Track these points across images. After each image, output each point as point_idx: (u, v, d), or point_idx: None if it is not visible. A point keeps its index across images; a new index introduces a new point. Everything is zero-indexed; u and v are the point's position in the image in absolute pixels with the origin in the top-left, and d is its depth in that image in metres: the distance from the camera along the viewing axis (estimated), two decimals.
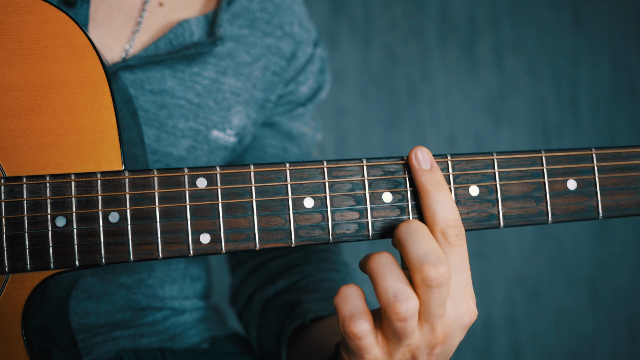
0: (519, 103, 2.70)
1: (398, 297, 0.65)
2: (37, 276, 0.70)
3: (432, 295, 0.66)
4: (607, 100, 2.77)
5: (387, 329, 0.67)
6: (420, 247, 0.67)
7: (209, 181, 0.71)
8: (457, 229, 0.69)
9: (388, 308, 0.65)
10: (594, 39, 2.76)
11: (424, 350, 0.69)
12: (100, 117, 0.72)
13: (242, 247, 0.71)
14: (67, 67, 0.73)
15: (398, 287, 0.65)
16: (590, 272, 2.75)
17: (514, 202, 0.73)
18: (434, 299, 0.66)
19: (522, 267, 2.69)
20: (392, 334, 0.67)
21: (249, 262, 1.11)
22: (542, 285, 2.71)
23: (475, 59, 2.67)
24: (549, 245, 2.72)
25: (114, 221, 0.70)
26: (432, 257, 0.66)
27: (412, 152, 0.71)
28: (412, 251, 0.67)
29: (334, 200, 0.72)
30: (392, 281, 0.66)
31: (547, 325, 2.71)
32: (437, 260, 0.65)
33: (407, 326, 0.66)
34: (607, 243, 2.75)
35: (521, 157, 0.74)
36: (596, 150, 0.75)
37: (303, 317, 0.96)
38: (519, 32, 2.70)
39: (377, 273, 0.66)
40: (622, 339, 2.77)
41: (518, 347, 2.68)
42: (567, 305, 2.72)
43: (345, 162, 0.72)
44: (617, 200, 0.75)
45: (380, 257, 0.67)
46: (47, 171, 0.71)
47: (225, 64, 1.04)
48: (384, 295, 0.65)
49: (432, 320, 0.67)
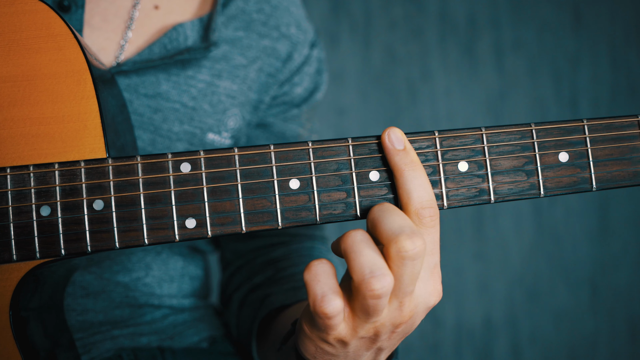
0: (519, 103, 2.70)
1: (374, 272, 0.63)
2: (23, 267, 0.70)
3: (406, 269, 0.64)
4: (607, 100, 2.76)
5: (357, 305, 0.65)
6: (395, 221, 0.65)
7: (193, 166, 0.70)
8: (431, 209, 0.68)
9: (363, 284, 0.63)
10: (594, 39, 2.75)
11: (388, 327, 0.68)
12: (83, 106, 0.72)
13: (229, 231, 0.70)
14: (49, 57, 0.73)
15: (375, 262, 0.64)
16: (590, 272, 2.74)
17: (504, 176, 0.72)
18: (407, 272, 0.64)
19: (522, 267, 2.68)
20: (361, 310, 0.65)
21: (235, 262, 1.11)
22: (542, 285, 2.70)
23: (475, 59, 2.66)
24: (549, 245, 2.71)
25: (99, 209, 0.70)
26: (407, 230, 0.64)
27: (385, 132, 0.70)
28: (386, 225, 0.65)
29: (320, 181, 0.71)
30: (368, 257, 0.64)
31: (547, 325, 2.70)
32: (412, 233, 0.64)
33: (380, 303, 0.64)
34: (607, 243, 2.75)
35: (511, 131, 0.72)
36: (588, 122, 0.73)
37: (269, 308, 0.95)
38: (519, 32, 2.69)
39: (353, 248, 0.65)
40: (622, 339, 2.76)
41: (518, 347, 2.68)
42: (567, 305, 2.71)
43: (331, 141, 0.71)
44: (610, 171, 0.73)
45: (356, 233, 0.66)
46: (31, 161, 0.71)
47: (220, 67, 1.03)
48: (359, 271, 0.64)
49: (401, 296, 0.66)
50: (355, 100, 2.58)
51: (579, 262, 2.72)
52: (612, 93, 2.76)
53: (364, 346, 0.70)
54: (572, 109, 2.73)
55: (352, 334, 0.67)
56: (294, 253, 1.06)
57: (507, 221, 2.65)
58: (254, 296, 1.02)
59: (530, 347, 2.68)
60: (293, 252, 1.06)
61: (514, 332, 2.67)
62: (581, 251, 2.73)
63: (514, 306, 2.67)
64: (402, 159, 0.70)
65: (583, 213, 2.72)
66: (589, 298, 2.73)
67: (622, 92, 2.77)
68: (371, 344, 0.70)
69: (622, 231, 2.74)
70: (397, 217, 0.66)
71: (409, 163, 0.69)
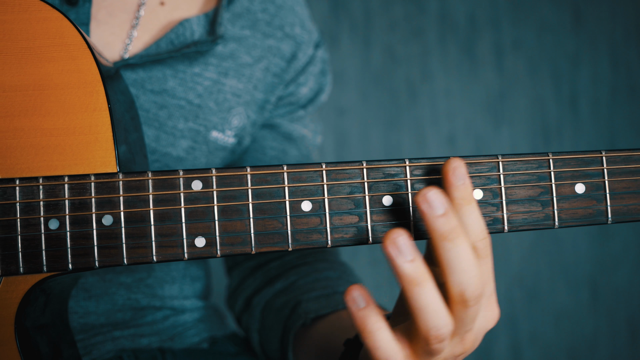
0: (519, 103, 2.69)
1: (439, 327, 0.63)
2: (30, 279, 0.69)
3: (468, 313, 0.64)
4: (607, 100, 2.76)
5: (420, 349, 0.65)
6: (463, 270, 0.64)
7: (204, 184, 0.69)
8: (485, 240, 0.67)
9: (429, 336, 0.63)
10: (594, 39, 2.75)
11: (450, 358, 0.68)
12: (95, 118, 0.71)
13: (238, 251, 0.69)
14: (62, 66, 0.72)
15: (440, 315, 0.63)
16: (590, 272, 2.74)
17: (519, 206, 0.71)
18: (469, 316, 0.64)
19: (522, 267, 2.68)
20: (424, 352, 0.65)
21: (246, 264, 1.11)
22: (542, 285, 2.70)
23: (475, 59, 2.66)
24: (549, 245, 2.71)
25: (108, 224, 0.69)
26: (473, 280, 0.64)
27: (450, 166, 0.66)
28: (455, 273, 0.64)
29: (332, 204, 0.70)
30: (434, 307, 0.63)
31: (547, 325, 2.70)
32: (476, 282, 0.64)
33: (443, 345, 0.64)
34: (607, 243, 2.75)
35: (527, 160, 0.71)
36: (606, 153, 0.72)
37: (304, 318, 0.95)
38: (519, 32, 2.69)
39: (417, 301, 0.63)
40: (622, 339, 2.76)
41: (518, 347, 2.68)
42: (567, 305, 2.71)
43: (345, 164, 0.70)
44: (627, 204, 0.72)
45: (417, 267, 0.62)
46: (40, 173, 0.70)
47: (227, 64, 1.03)
48: (424, 326, 0.63)
49: (462, 333, 0.66)
50: (355, 100, 2.57)
51: (579, 262, 2.73)
52: (612, 93, 2.76)
53: None
54: (572, 109, 2.73)
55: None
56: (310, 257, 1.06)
57: None
58: (279, 302, 1.01)
59: (530, 347, 2.68)
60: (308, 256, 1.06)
61: (514, 332, 2.67)
62: (581, 251, 2.73)
63: (514, 306, 2.67)
64: (461, 193, 0.66)
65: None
66: (589, 298, 2.73)
67: (622, 92, 2.77)
68: None
69: (622, 231, 2.75)
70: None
71: (466, 197, 0.66)
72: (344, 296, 0.64)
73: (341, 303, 0.95)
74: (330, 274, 1.02)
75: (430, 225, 0.62)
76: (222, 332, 1.11)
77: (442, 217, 0.62)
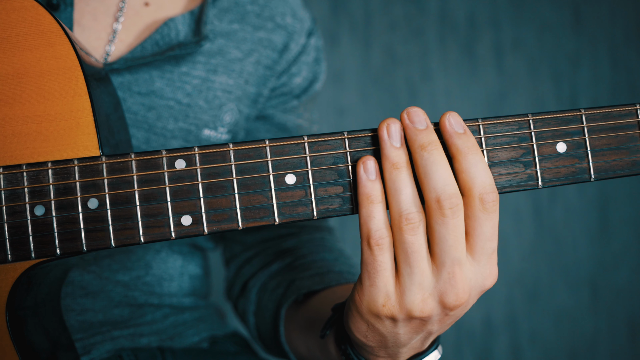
0: (519, 103, 2.69)
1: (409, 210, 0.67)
2: (19, 267, 0.69)
3: (445, 224, 0.66)
4: (607, 100, 2.76)
5: (399, 245, 0.67)
6: (441, 176, 0.67)
7: (187, 162, 0.69)
8: (494, 194, 0.67)
9: (401, 213, 0.67)
10: (594, 39, 2.75)
11: (440, 305, 0.69)
12: (75, 103, 0.71)
13: (225, 227, 0.70)
14: (40, 54, 0.72)
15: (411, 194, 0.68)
16: (590, 272, 2.73)
17: (501, 168, 0.71)
18: (447, 229, 0.66)
19: (522, 267, 2.68)
20: (402, 250, 0.67)
21: (243, 254, 1.10)
22: (542, 285, 2.70)
23: (475, 59, 2.66)
24: (549, 245, 2.71)
25: (93, 207, 0.69)
26: (449, 188, 0.66)
27: (445, 116, 0.69)
28: (432, 180, 0.67)
29: (316, 175, 0.70)
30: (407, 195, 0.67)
31: (547, 325, 2.70)
32: (454, 193, 0.66)
33: (416, 239, 0.66)
34: (607, 243, 2.74)
35: (508, 122, 0.71)
36: (585, 111, 0.72)
37: (297, 293, 0.95)
38: (519, 32, 2.69)
39: (395, 168, 0.68)
40: (622, 339, 2.75)
41: (518, 347, 2.67)
42: (567, 305, 2.71)
43: (327, 135, 0.70)
44: (609, 161, 0.72)
45: (401, 155, 0.68)
46: (24, 161, 0.70)
47: (216, 61, 1.02)
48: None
49: (449, 263, 0.67)
50: (355, 100, 2.57)
51: (579, 262, 2.72)
52: (612, 93, 2.76)
53: (414, 329, 0.70)
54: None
55: (400, 303, 0.68)
56: (308, 243, 1.06)
57: (507, 221, 2.65)
58: (274, 282, 1.01)
59: (530, 347, 2.68)
60: (306, 242, 1.06)
61: (514, 332, 2.66)
62: (581, 251, 2.72)
63: (514, 306, 2.67)
64: (464, 142, 0.68)
65: (583, 213, 2.72)
66: (589, 298, 2.72)
67: (622, 92, 2.76)
68: (422, 326, 0.70)
69: (622, 231, 2.74)
70: (442, 171, 0.67)
71: (472, 146, 0.68)
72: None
73: (334, 280, 0.95)
74: (327, 256, 1.02)
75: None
76: (222, 332, 1.11)
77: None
